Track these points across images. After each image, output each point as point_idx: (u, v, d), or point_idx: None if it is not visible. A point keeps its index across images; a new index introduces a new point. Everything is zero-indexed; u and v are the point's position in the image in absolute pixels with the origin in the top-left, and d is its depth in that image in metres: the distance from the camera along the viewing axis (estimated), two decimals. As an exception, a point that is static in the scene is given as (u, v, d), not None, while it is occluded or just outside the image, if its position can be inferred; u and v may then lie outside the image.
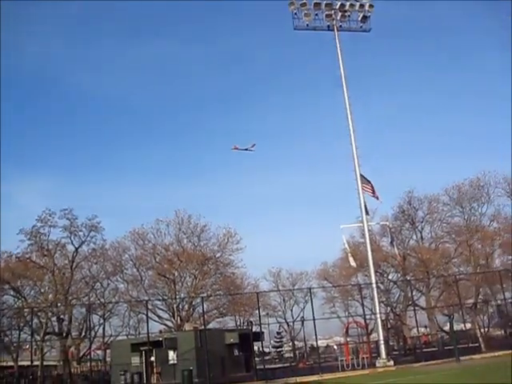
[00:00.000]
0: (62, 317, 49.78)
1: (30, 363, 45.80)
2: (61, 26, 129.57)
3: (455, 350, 33.94)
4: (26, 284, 50.37)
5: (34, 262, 48.66)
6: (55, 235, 48.80)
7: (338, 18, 43.47)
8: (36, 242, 47.99)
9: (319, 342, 66.99)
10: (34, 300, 49.38)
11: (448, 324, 52.35)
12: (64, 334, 48.95)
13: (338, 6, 42.77)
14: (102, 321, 53.25)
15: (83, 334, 53.26)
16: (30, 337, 48.41)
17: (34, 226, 47.44)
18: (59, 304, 47.78)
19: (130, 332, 56.91)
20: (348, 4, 43.25)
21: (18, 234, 46.97)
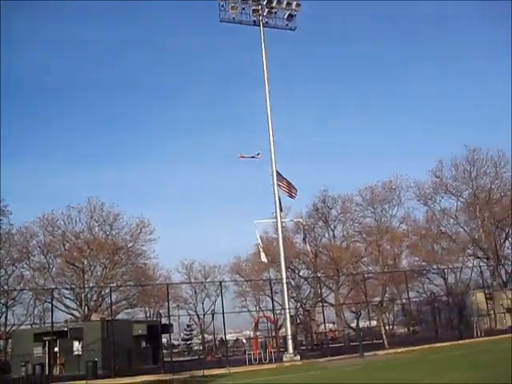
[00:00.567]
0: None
1: None
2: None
3: (360, 346, 34.76)
4: None
5: None
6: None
7: (265, 13, 43.38)
8: None
9: (229, 335, 67.13)
10: None
11: (355, 321, 53.84)
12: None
13: (265, 2, 42.67)
14: (4, 309, 51.28)
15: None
16: None
17: None
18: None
19: (34, 321, 55.04)
20: (275, 1, 43.29)
21: None
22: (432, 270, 58.96)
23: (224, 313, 38.23)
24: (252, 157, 42.65)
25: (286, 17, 44.13)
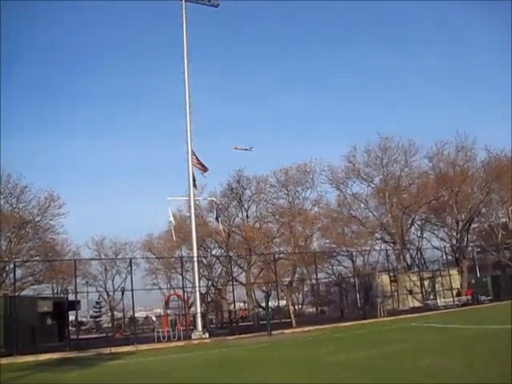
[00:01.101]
0: None
1: None
2: None
3: (268, 325, 35.33)
4: None
5: None
6: None
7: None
8: None
9: (140, 313, 66.65)
10: None
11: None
12: None
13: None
14: None
15: None
16: None
17: None
18: None
19: None
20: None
21: None
22: (341, 253, 60.37)
23: (133, 290, 37.99)
24: (245, 149, 43.85)
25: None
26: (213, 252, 63.72)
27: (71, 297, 46.04)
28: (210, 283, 62.49)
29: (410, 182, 62.53)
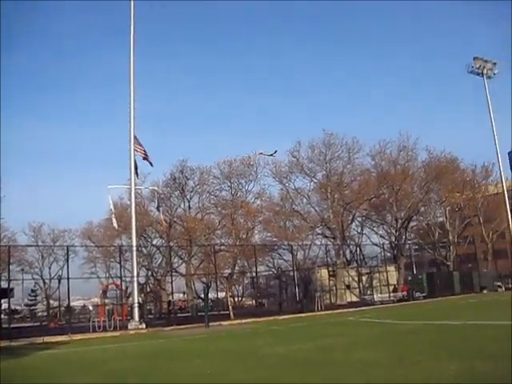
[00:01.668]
0: None
1: None
2: None
3: (206, 316, 35.23)
4: None
5: None
6: None
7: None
8: None
9: (77, 302, 65.38)
10: None
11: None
12: None
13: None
14: None
15: None
16: None
17: None
18: None
19: None
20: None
21: None
22: (282, 246, 60.96)
23: (69, 278, 37.25)
24: (270, 154, 44.79)
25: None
26: (153, 242, 63.25)
27: (4, 284, 44.72)
28: (149, 273, 61.99)
29: (352, 179, 63.54)
